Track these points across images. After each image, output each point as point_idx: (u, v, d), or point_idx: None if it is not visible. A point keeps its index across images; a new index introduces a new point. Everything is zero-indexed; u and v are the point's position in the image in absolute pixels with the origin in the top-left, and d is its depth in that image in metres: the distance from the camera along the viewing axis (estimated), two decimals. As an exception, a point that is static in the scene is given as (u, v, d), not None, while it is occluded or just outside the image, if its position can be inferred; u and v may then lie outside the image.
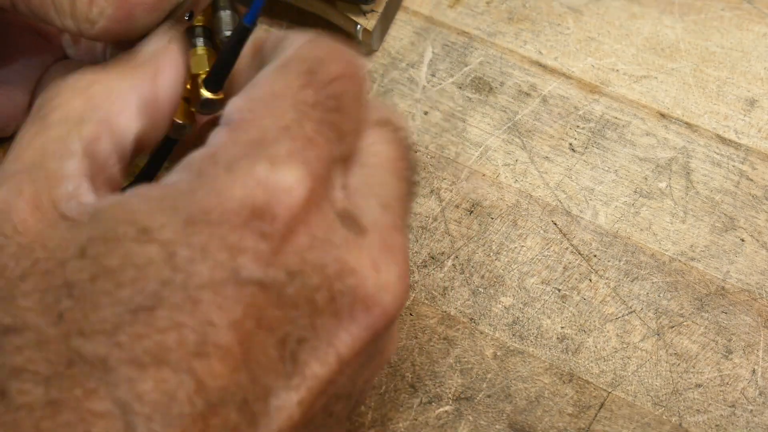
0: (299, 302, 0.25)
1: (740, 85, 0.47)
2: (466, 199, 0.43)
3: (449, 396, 0.38)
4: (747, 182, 0.44)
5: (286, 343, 0.25)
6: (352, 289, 0.26)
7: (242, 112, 0.27)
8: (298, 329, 0.25)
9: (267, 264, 0.25)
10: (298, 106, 0.27)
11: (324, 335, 0.25)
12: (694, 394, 0.39)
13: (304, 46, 0.29)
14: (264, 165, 0.25)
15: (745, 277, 0.41)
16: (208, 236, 0.24)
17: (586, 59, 0.48)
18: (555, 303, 0.41)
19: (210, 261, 0.24)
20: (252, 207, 0.25)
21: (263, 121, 0.27)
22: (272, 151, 0.26)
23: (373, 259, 0.26)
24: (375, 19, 0.46)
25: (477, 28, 0.49)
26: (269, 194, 0.25)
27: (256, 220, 0.25)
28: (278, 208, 0.25)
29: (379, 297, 0.26)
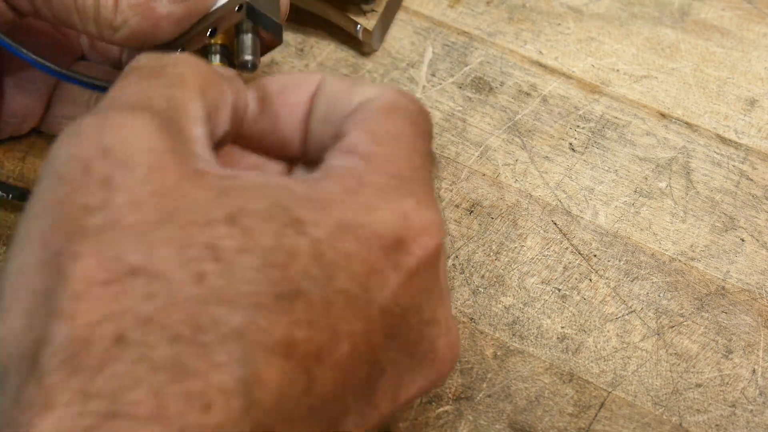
0: (398, 335, 0.26)
1: (740, 84, 0.47)
2: (466, 199, 0.43)
3: (449, 396, 0.38)
4: (747, 182, 0.44)
5: (375, 368, 0.26)
6: (432, 339, 0.27)
7: (369, 144, 0.28)
8: (385, 360, 0.26)
9: (391, 292, 0.26)
10: (418, 152, 0.28)
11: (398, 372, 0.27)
12: (694, 394, 0.39)
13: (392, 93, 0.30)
14: (412, 201, 0.26)
15: (745, 276, 0.41)
16: (355, 248, 0.25)
17: (586, 59, 0.48)
18: (555, 303, 0.41)
19: (350, 271, 0.25)
20: (396, 235, 0.26)
21: (398, 160, 0.28)
22: (416, 191, 0.27)
23: (447, 318, 0.28)
24: (375, 19, 0.46)
25: (477, 28, 0.49)
26: (414, 231, 0.26)
27: (395, 249, 0.26)
28: (417, 247, 0.26)
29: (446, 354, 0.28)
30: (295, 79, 0.31)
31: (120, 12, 0.33)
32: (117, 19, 0.33)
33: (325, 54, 0.48)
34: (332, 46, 0.48)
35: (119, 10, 0.33)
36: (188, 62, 0.28)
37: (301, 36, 0.48)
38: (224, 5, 0.34)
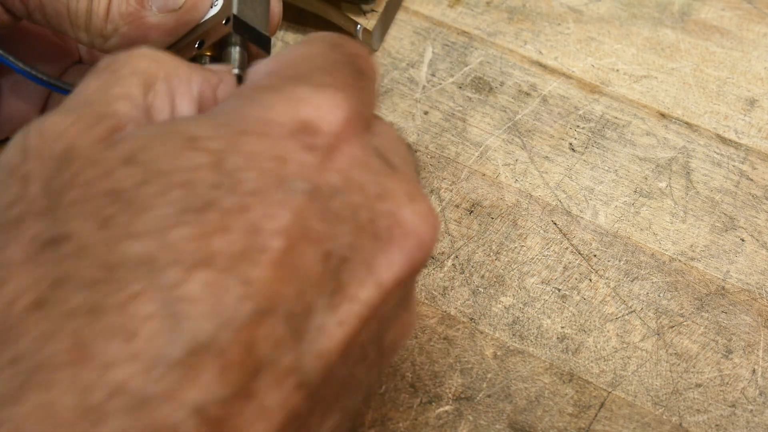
0: (343, 218, 0.25)
1: (740, 84, 0.47)
2: (466, 199, 0.43)
3: (449, 396, 0.38)
4: (747, 182, 0.44)
5: (329, 259, 0.24)
6: (391, 213, 0.26)
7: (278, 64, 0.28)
8: (341, 248, 0.25)
9: (312, 175, 0.25)
10: (329, 60, 0.28)
11: (364, 257, 0.25)
12: (694, 394, 0.39)
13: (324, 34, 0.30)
14: (308, 87, 0.26)
15: (745, 276, 0.41)
16: (256, 145, 0.25)
17: (586, 59, 0.48)
18: (555, 303, 0.41)
19: (258, 169, 0.24)
20: (297, 120, 0.25)
21: (298, 66, 0.28)
22: (313, 79, 0.27)
23: (406, 189, 0.27)
24: (375, 19, 0.46)
25: (477, 28, 0.49)
26: (314, 110, 0.26)
27: (301, 133, 0.25)
28: (322, 123, 0.25)
29: (415, 224, 0.26)
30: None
31: (111, 21, 0.33)
32: (108, 27, 0.33)
33: (325, 54, 0.48)
34: (332, 46, 0.48)
35: (110, 19, 0.33)
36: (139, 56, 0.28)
37: (301, 36, 0.48)
38: (212, 18, 0.34)
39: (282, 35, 0.48)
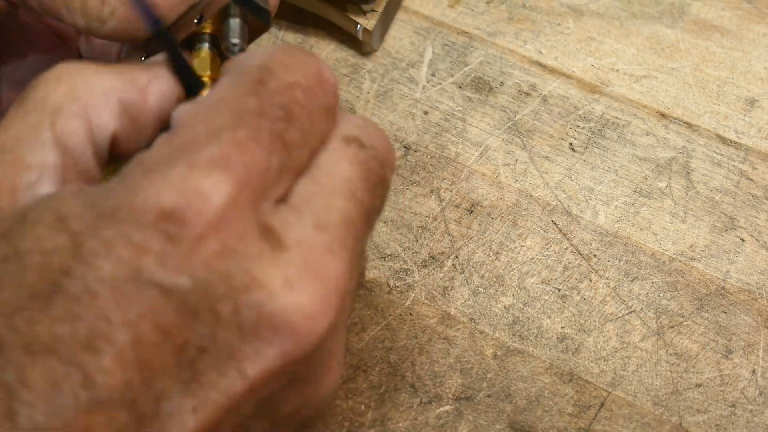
0: (201, 311, 0.24)
1: (740, 84, 0.47)
2: (466, 199, 0.43)
3: (449, 396, 0.38)
4: (747, 182, 0.44)
5: (184, 350, 0.24)
6: (258, 304, 0.25)
7: (182, 117, 0.27)
8: (199, 338, 0.24)
9: (171, 268, 0.24)
10: (237, 113, 0.27)
11: (225, 348, 0.25)
12: (694, 394, 0.39)
13: (264, 56, 0.28)
14: (180, 168, 0.25)
15: (745, 276, 0.41)
16: (115, 232, 0.24)
17: (586, 59, 0.48)
18: (555, 303, 0.41)
19: (113, 257, 0.24)
20: (161, 209, 0.24)
21: (196, 127, 0.26)
22: (194, 156, 0.25)
23: (286, 276, 0.25)
24: (375, 19, 0.46)
25: (477, 28, 0.49)
26: (181, 197, 0.24)
27: (164, 222, 0.24)
28: (189, 212, 0.24)
29: (287, 316, 0.25)
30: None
31: (107, 3, 0.32)
32: (104, 10, 0.32)
33: (325, 54, 0.48)
34: (332, 46, 0.48)
35: (106, 1, 0.32)
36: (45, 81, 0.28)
37: (301, 36, 0.48)
38: None
39: (282, 35, 0.48)
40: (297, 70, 0.28)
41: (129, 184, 0.25)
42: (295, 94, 0.28)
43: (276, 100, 0.27)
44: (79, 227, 0.24)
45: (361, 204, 0.28)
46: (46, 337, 0.23)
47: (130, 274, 0.24)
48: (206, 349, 0.24)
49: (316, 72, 0.28)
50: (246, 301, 0.25)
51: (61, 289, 0.24)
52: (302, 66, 0.28)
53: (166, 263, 0.24)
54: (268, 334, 0.25)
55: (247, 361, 0.25)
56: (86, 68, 0.28)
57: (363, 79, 0.47)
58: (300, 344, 0.25)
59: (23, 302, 0.24)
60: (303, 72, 0.28)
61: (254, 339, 0.25)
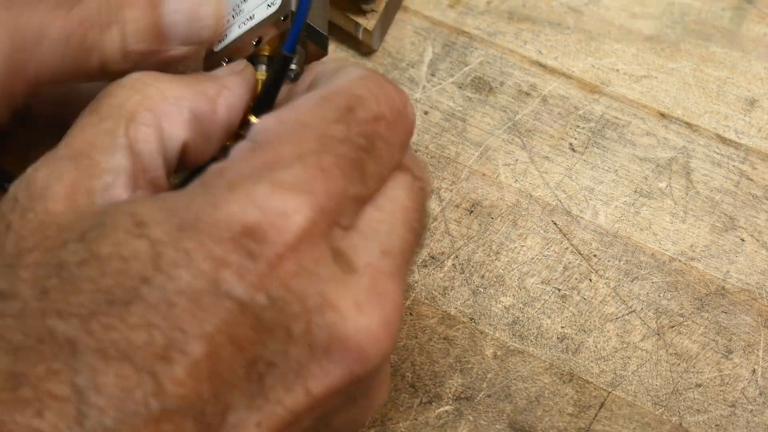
0: (275, 328, 0.25)
1: (740, 84, 0.47)
2: (466, 199, 0.43)
3: (449, 396, 0.38)
4: (747, 182, 0.44)
5: (254, 364, 0.25)
6: (330, 325, 0.25)
7: (267, 133, 0.27)
8: (270, 354, 0.25)
9: (249, 283, 0.24)
10: (323, 139, 0.27)
11: (294, 365, 0.25)
12: (694, 394, 0.39)
13: (354, 81, 0.29)
14: (265, 187, 0.25)
15: (745, 276, 0.41)
16: (196, 244, 0.24)
17: (586, 59, 0.48)
18: (555, 303, 0.41)
19: (193, 268, 0.24)
20: (244, 225, 0.25)
21: (282, 146, 0.27)
22: (279, 175, 0.26)
23: (357, 299, 0.26)
24: (375, 19, 0.46)
25: (477, 28, 0.49)
26: (264, 216, 0.25)
27: (246, 238, 0.25)
28: (270, 231, 0.25)
29: (357, 338, 0.25)
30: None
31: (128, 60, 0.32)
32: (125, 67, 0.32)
33: (325, 54, 0.48)
34: (332, 46, 0.48)
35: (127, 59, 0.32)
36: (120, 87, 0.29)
37: (301, 36, 0.48)
38: (271, 16, 0.34)
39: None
40: (385, 103, 0.29)
41: (212, 197, 0.25)
42: (379, 127, 0.28)
43: (362, 131, 0.28)
44: (159, 236, 0.25)
45: (415, 231, 0.29)
46: (122, 343, 0.23)
47: (209, 287, 0.24)
48: (276, 365, 0.25)
49: (401, 107, 0.29)
50: (318, 322, 0.25)
51: (139, 297, 0.24)
52: (390, 99, 0.29)
53: (244, 278, 0.24)
54: (338, 355, 0.25)
55: (314, 379, 0.25)
56: (159, 78, 0.29)
57: (363, 79, 0.47)
58: (365, 365, 0.26)
59: (100, 307, 0.24)
60: (390, 105, 0.29)
61: (323, 358, 0.25)
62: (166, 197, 0.26)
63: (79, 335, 0.24)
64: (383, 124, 0.28)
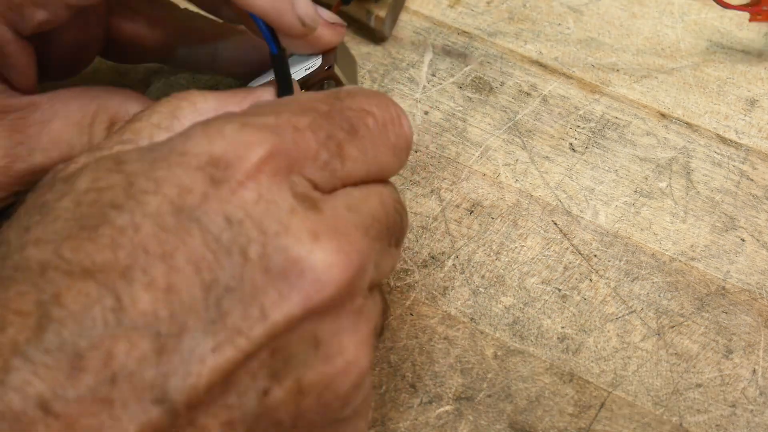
0: (232, 250, 0.26)
1: (740, 85, 0.47)
2: (467, 199, 0.43)
3: (449, 396, 0.38)
4: (747, 182, 0.44)
5: (212, 288, 0.25)
6: (286, 248, 0.26)
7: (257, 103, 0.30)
8: (227, 277, 0.26)
9: (209, 207, 0.26)
10: (304, 108, 0.29)
11: (250, 288, 0.26)
12: (694, 394, 0.39)
13: (353, 87, 0.31)
14: (235, 125, 0.27)
15: (746, 276, 0.41)
16: (166, 173, 0.26)
17: (586, 59, 0.48)
18: (555, 303, 0.41)
19: (160, 194, 0.26)
20: (210, 155, 0.26)
21: (264, 106, 0.29)
22: (250, 119, 0.28)
23: (315, 230, 0.27)
24: (387, 5, 0.46)
25: (477, 28, 0.49)
26: (229, 147, 0.27)
27: (211, 167, 0.26)
28: (233, 158, 0.26)
29: (311, 260, 0.26)
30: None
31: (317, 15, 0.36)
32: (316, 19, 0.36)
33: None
34: (332, 46, 0.48)
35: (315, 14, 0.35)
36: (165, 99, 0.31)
37: (301, 36, 0.48)
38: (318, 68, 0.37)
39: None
40: (375, 104, 0.31)
41: (186, 135, 0.27)
42: (365, 119, 0.30)
43: (345, 114, 0.30)
44: (134, 169, 0.27)
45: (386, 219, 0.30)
46: (87, 262, 0.25)
47: (173, 211, 0.26)
48: (233, 290, 0.26)
49: (394, 114, 0.31)
50: (275, 244, 0.26)
51: (108, 220, 0.26)
52: (382, 104, 0.31)
53: (206, 202, 0.26)
54: (292, 278, 0.26)
55: (271, 304, 0.26)
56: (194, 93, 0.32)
57: (363, 79, 0.47)
58: (320, 290, 0.26)
59: (73, 231, 0.25)
60: (380, 107, 0.31)
61: (279, 282, 0.26)
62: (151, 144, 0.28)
63: (50, 258, 0.25)
64: (370, 119, 0.30)
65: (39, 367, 0.24)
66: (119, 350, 0.24)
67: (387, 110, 0.31)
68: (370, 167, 0.30)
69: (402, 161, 0.31)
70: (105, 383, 0.24)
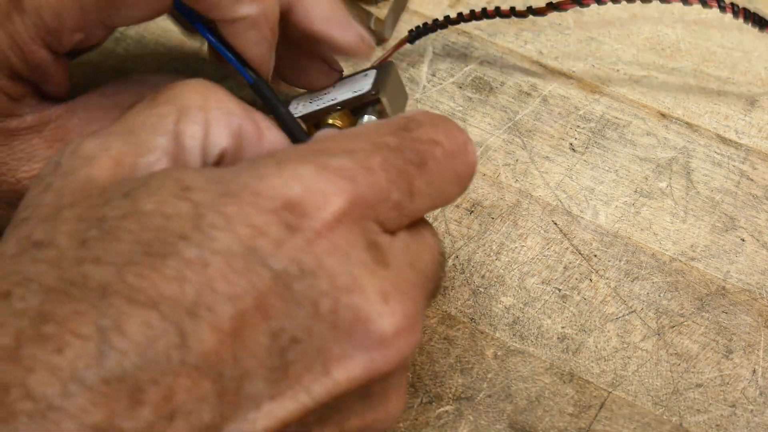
0: (303, 301, 0.25)
1: (741, 84, 0.47)
2: (467, 199, 0.43)
3: (449, 396, 0.38)
4: (747, 182, 0.44)
5: (278, 336, 0.25)
6: (356, 306, 0.26)
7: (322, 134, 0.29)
8: (294, 328, 0.25)
9: (283, 254, 0.25)
10: (374, 143, 0.28)
11: (317, 342, 0.25)
12: (694, 394, 0.39)
13: (415, 111, 0.30)
14: (312, 168, 0.26)
15: (746, 277, 0.41)
16: (237, 210, 0.25)
17: (586, 59, 0.48)
18: (555, 303, 0.41)
19: (232, 232, 0.25)
20: (286, 198, 0.26)
21: (335, 142, 0.28)
22: (326, 160, 0.27)
23: (384, 290, 0.26)
24: (387, 8, 0.46)
25: (477, 27, 0.49)
26: (306, 193, 0.26)
27: (286, 211, 0.26)
28: (310, 208, 0.26)
29: (380, 324, 0.26)
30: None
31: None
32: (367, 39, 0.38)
33: (326, 54, 0.48)
34: (332, 46, 0.48)
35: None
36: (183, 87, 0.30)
37: (302, 36, 0.48)
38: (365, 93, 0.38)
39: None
40: (443, 132, 0.30)
41: (258, 170, 0.26)
42: (434, 149, 0.29)
43: (414, 146, 0.29)
44: (203, 199, 0.26)
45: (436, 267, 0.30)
46: (152, 292, 0.24)
47: (244, 252, 0.25)
48: (299, 341, 0.25)
49: (462, 142, 0.30)
50: (345, 301, 0.26)
51: (176, 252, 0.25)
52: (449, 131, 0.30)
53: (280, 248, 0.25)
54: (360, 339, 0.26)
55: (335, 362, 0.26)
56: (219, 90, 0.30)
57: (363, 79, 0.47)
58: (385, 357, 0.26)
59: (136, 257, 0.25)
60: (448, 135, 0.30)
61: (346, 340, 0.26)
62: (214, 169, 0.27)
63: (111, 281, 0.24)
64: (438, 149, 0.29)
65: (97, 396, 0.23)
66: (180, 388, 0.24)
67: (454, 139, 0.30)
68: (435, 199, 0.30)
69: (465, 189, 0.31)
70: (163, 420, 0.23)
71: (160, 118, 0.29)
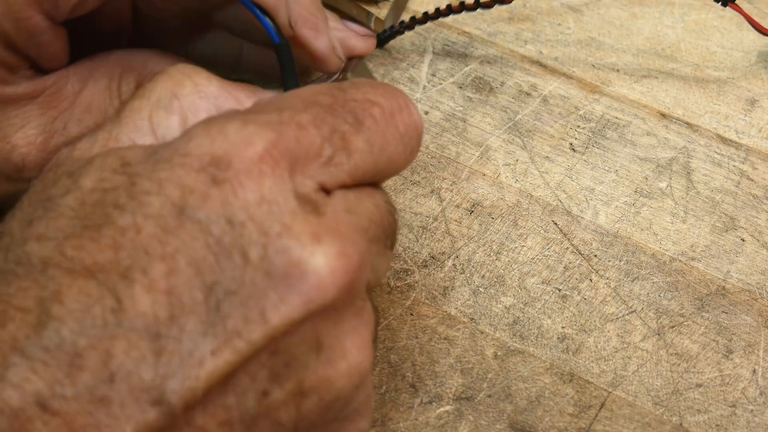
0: (233, 252, 0.26)
1: (741, 85, 0.47)
2: (467, 199, 0.43)
3: (450, 396, 0.38)
4: (747, 182, 0.44)
5: (212, 290, 0.25)
6: (287, 250, 0.26)
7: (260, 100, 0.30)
8: (228, 280, 0.25)
9: (210, 208, 0.26)
10: (307, 102, 0.29)
11: (251, 291, 0.26)
12: (694, 394, 0.39)
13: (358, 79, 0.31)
14: (237, 123, 0.27)
15: (746, 277, 0.41)
16: (168, 173, 0.26)
17: (586, 59, 0.48)
18: (555, 303, 0.41)
19: (162, 195, 0.26)
20: (212, 155, 0.26)
21: (266, 104, 0.29)
22: (252, 116, 0.27)
23: (316, 232, 0.26)
24: (387, 8, 0.46)
25: (477, 28, 0.49)
26: (228, 144, 0.26)
27: (213, 166, 0.26)
28: (234, 158, 0.26)
29: (313, 263, 0.26)
30: None
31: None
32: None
33: (326, 54, 0.48)
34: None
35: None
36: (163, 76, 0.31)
37: (302, 36, 0.48)
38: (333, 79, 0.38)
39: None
40: (381, 94, 0.30)
41: (189, 133, 0.27)
42: (371, 109, 0.29)
43: (349, 106, 0.29)
44: (138, 170, 0.26)
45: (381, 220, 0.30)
46: (89, 261, 0.25)
47: (175, 212, 0.26)
48: (233, 292, 0.25)
49: (402, 103, 0.30)
50: (276, 246, 0.26)
51: (111, 221, 0.25)
52: (388, 93, 0.30)
53: (206, 202, 0.26)
54: (293, 280, 0.26)
55: (271, 307, 0.26)
56: (199, 73, 0.31)
57: (363, 79, 0.47)
58: (322, 295, 0.26)
59: (76, 230, 0.26)
60: (386, 97, 0.30)
61: (280, 284, 0.26)
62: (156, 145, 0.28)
63: (51, 255, 0.25)
64: (376, 109, 0.29)
65: (38, 365, 0.24)
66: (118, 350, 0.24)
67: (394, 99, 0.30)
68: (378, 159, 0.29)
69: (412, 151, 0.31)
70: (103, 383, 0.24)
71: (134, 113, 0.30)
